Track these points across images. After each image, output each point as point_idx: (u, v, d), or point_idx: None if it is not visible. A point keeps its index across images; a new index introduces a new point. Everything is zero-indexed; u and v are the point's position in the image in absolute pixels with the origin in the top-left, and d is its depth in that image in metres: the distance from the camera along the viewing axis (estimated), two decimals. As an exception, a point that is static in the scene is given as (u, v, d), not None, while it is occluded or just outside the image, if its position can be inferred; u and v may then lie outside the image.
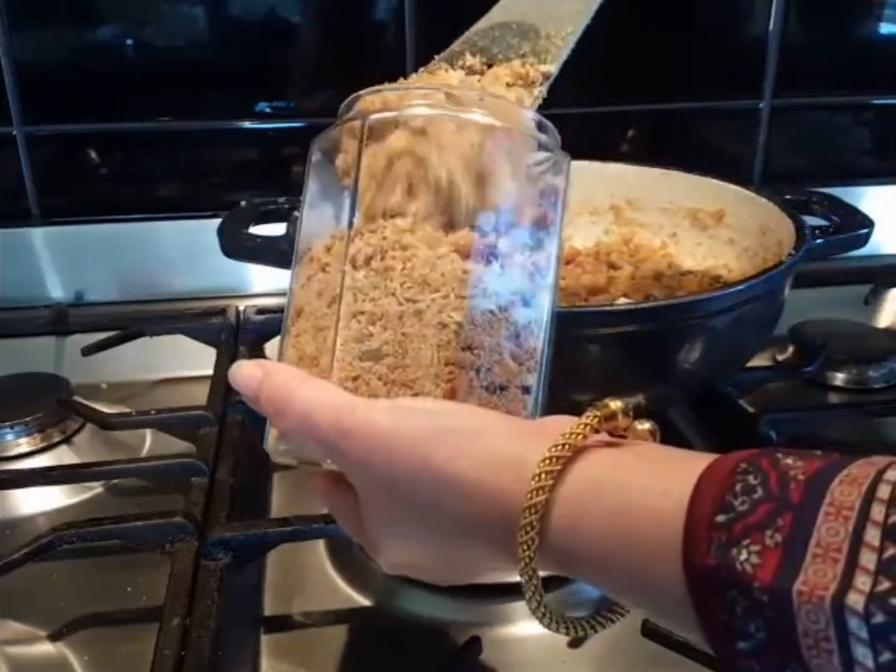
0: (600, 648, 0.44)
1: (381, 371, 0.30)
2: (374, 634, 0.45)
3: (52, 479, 0.54)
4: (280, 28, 0.82)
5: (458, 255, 0.30)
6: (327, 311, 0.31)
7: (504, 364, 0.31)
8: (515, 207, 0.32)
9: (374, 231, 0.31)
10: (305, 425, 0.29)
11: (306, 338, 0.32)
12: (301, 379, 0.31)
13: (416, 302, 0.30)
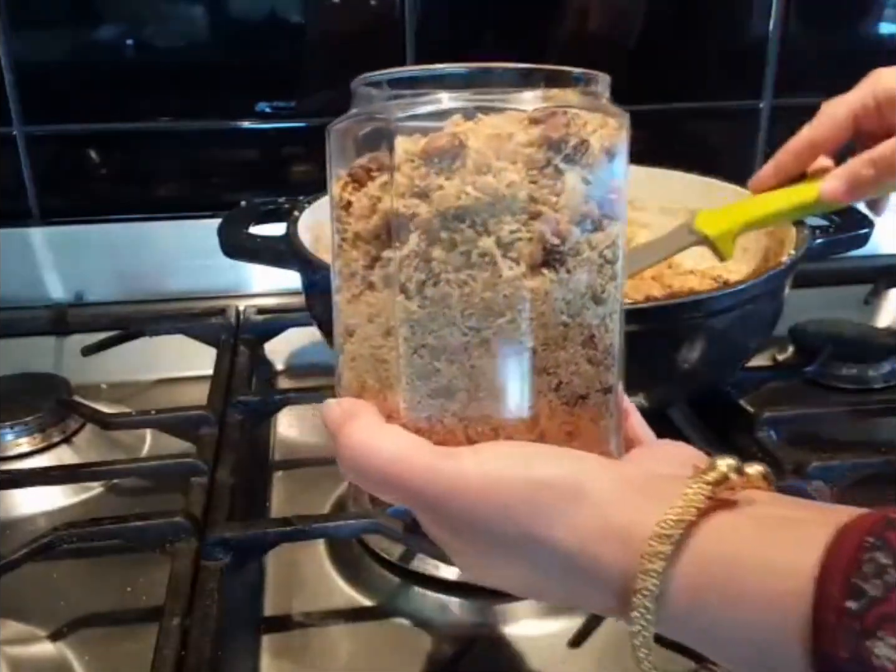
0: (600, 648, 0.44)
1: (454, 407, 0.28)
2: (374, 634, 0.45)
3: (52, 479, 0.54)
4: (280, 28, 0.82)
5: (519, 272, 0.27)
6: (384, 343, 0.29)
7: (582, 373, 0.28)
8: (575, 199, 0.27)
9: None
10: (386, 487, 0.28)
11: (364, 364, 0.30)
12: (375, 432, 0.28)
13: (480, 330, 0.27)
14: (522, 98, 0.27)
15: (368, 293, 0.29)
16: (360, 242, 0.29)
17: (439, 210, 0.27)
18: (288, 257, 0.58)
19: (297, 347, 0.75)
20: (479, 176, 0.26)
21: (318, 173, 0.89)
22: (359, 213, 0.29)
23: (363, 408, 0.29)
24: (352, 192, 0.30)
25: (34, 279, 0.81)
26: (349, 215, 0.29)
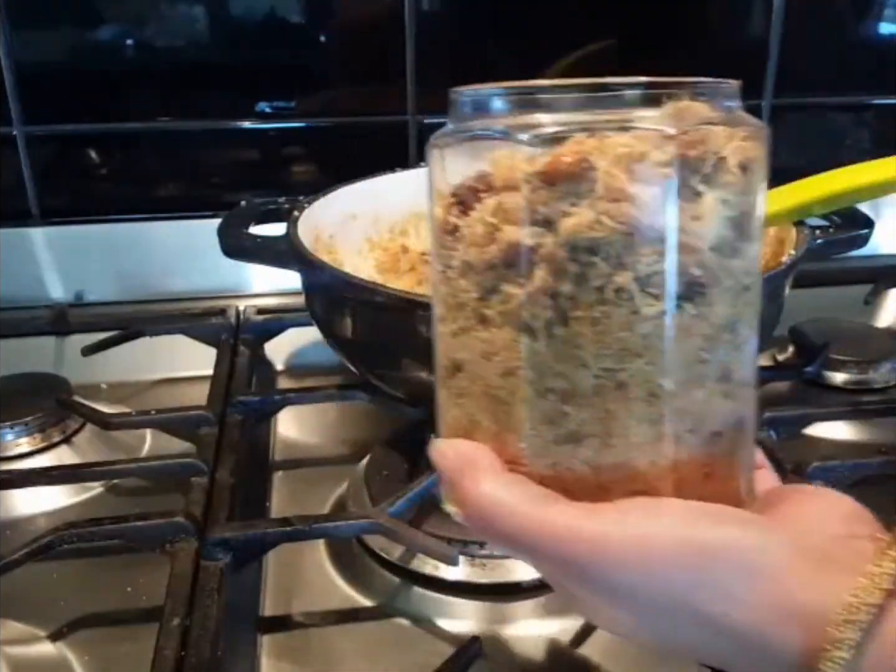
0: (600, 648, 0.44)
1: (585, 454, 0.25)
2: (374, 634, 0.45)
3: (51, 479, 0.54)
4: (280, 28, 0.82)
5: (660, 309, 0.24)
6: (503, 383, 0.26)
7: (717, 410, 0.26)
8: (715, 224, 0.25)
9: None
10: (514, 546, 0.26)
11: (476, 403, 0.27)
12: (503, 486, 0.26)
13: (616, 372, 0.25)
14: (651, 113, 0.25)
15: (481, 328, 0.26)
16: (472, 273, 0.26)
17: (567, 241, 0.24)
18: (288, 257, 0.58)
19: (297, 347, 0.75)
20: (612, 203, 0.24)
21: (317, 173, 0.90)
22: (470, 240, 0.26)
23: (482, 454, 0.27)
24: (459, 216, 0.27)
25: (34, 279, 0.81)
26: (456, 241, 0.27)
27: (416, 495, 0.49)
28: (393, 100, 0.85)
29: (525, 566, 0.47)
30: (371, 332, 0.52)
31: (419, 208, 0.72)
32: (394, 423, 0.60)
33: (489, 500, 0.26)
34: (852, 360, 0.68)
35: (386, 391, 0.56)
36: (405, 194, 0.72)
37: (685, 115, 0.25)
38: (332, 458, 0.62)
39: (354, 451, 0.60)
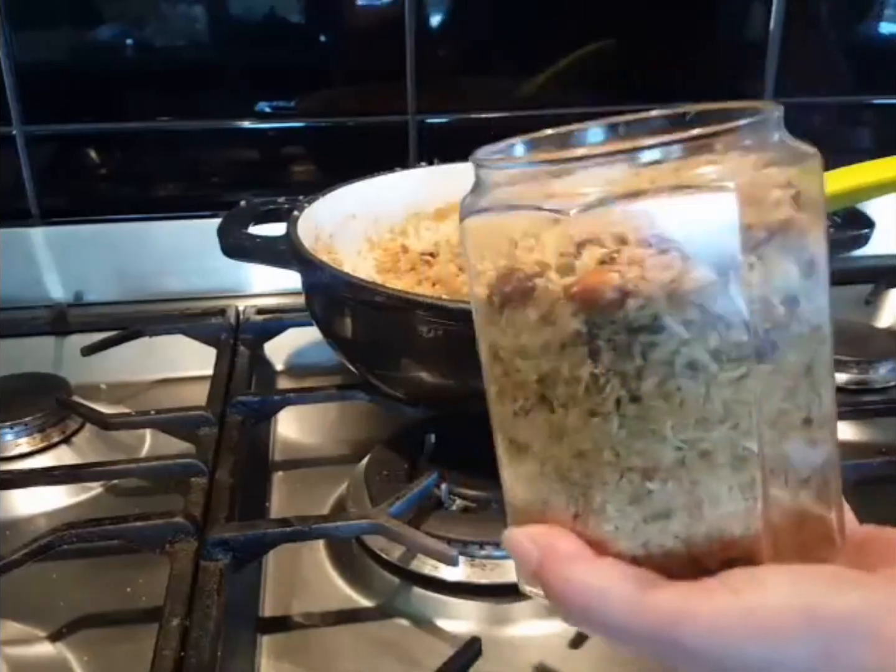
0: (601, 649, 0.44)
1: (676, 529, 0.24)
2: (374, 634, 0.45)
3: (51, 480, 0.54)
4: (280, 28, 0.82)
5: (734, 371, 0.23)
6: (576, 465, 0.25)
7: (804, 459, 0.25)
8: (782, 277, 0.24)
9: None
10: (620, 635, 0.25)
11: (549, 485, 0.26)
12: (597, 573, 0.25)
13: (697, 442, 0.24)
14: (708, 171, 0.23)
15: (544, 410, 0.25)
16: (527, 355, 0.25)
17: (628, 324, 0.23)
18: (287, 257, 0.58)
19: (297, 347, 0.75)
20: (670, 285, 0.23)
21: (317, 173, 0.90)
22: (522, 324, 0.25)
23: (564, 540, 0.26)
24: (505, 299, 0.25)
25: (34, 279, 0.81)
26: (508, 324, 0.26)
27: (415, 496, 0.49)
28: (393, 100, 0.85)
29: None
30: (371, 332, 0.52)
31: (419, 208, 0.72)
32: (394, 423, 0.60)
33: (587, 590, 0.25)
34: (852, 360, 0.68)
35: (386, 391, 0.56)
36: (405, 194, 0.72)
37: (737, 168, 0.23)
38: (331, 458, 0.62)
39: (354, 451, 0.60)
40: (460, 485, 0.51)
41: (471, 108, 0.86)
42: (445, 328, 0.47)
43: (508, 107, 0.85)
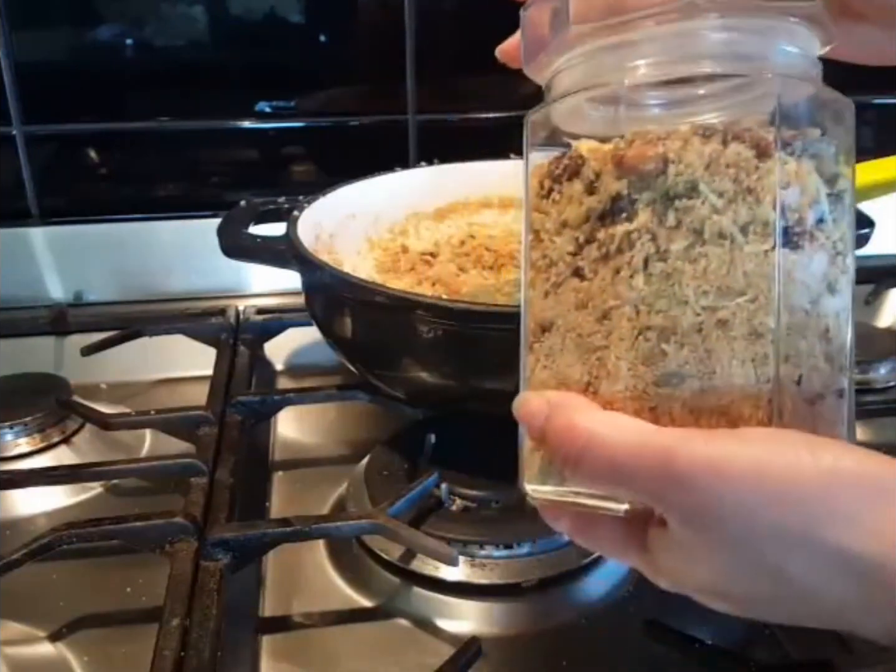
0: (602, 649, 0.44)
1: (684, 396, 0.25)
2: (374, 635, 0.45)
3: (51, 480, 0.54)
4: (280, 28, 0.82)
5: (759, 246, 0.24)
6: (598, 328, 0.26)
7: (819, 369, 0.26)
8: (806, 186, 0.26)
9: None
10: (617, 474, 0.24)
11: (566, 358, 0.27)
12: (601, 418, 0.25)
13: (717, 310, 0.24)
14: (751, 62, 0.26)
15: (574, 280, 0.26)
16: (567, 229, 0.27)
17: (669, 189, 0.25)
18: (287, 257, 0.58)
19: (297, 347, 0.75)
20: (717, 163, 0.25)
21: (317, 173, 0.90)
22: (567, 198, 0.27)
23: (572, 397, 0.26)
24: (556, 179, 0.27)
25: (34, 279, 0.81)
26: (553, 203, 0.27)
27: (415, 495, 0.49)
28: (393, 100, 0.85)
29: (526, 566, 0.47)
30: (371, 332, 0.52)
31: (419, 208, 0.72)
32: (394, 423, 0.60)
33: (584, 429, 0.24)
34: (853, 360, 0.68)
35: (386, 391, 0.56)
36: (405, 194, 0.72)
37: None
38: (331, 458, 0.62)
39: (354, 451, 0.60)
40: (460, 485, 0.51)
41: (471, 108, 0.86)
42: (445, 328, 0.47)
43: (508, 107, 0.85)
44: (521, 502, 0.50)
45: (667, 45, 0.26)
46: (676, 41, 0.26)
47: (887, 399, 0.66)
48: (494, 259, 0.70)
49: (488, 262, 0.70)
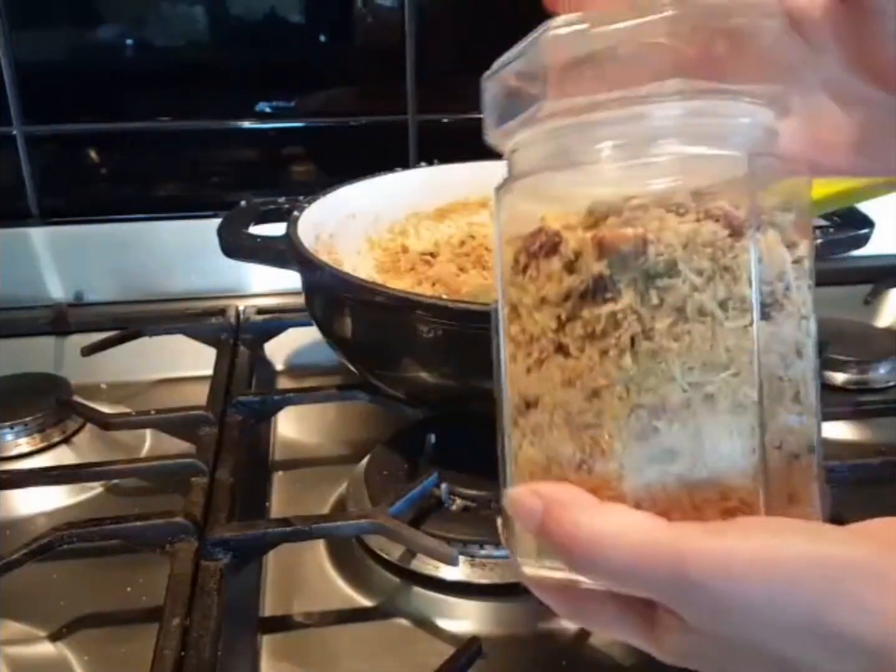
0: (602, 649, 0.44)
1: (679, 470, 0.25)
2: (374, 635, 0.45)
3: (51, 480, 0.54)
4: (280, 28, 0.82)
5: (739, 321, 0.25)
6: (588, 406, 0.26)
7: (795, 431, 0.27)
8: (774, 259, 0.27)
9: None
10: (627, 579, 0.24)
11: (556, 434, 0.27)
12: (603, 518, 0.25)
13: (703, 385, 0.25)
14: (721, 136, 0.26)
15: (558, 357, 0.27)
16: (547, 306, 0.27)
17: (649, 268, 0.25)
18: (288, 257, 0.58)
19: (297, 347, 0.75)
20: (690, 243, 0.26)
21: (317, 173, 0.90)
22: (546, 275, 0.27)
23: (568, 490, 0.26)
24: (532, 256, 0.27)
25: (34, 279, 0.81)
26: (530, 279, 0.27)
27: (415, 495, 0.49)
28: (393, 100, 0.85)
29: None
30: (371, 332, 0.52)
31: (419, 208, 0.72)
32: (394, 423, 0.60)
33: (590, 532, 0.24)
34: (852, 360, 0.68)
35: (386, 391, 0.56)
36: (405, 194, 0.72)
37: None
38: (332, 458, 0.62)
39: (354, 451, 0.60)
40: (460, 485, 0.51)
41: (471, 108, 0.86)
42: (445, 328, 0.47)
43: (508, 107, 0.85)
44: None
45: (633, 127, 0.27)
46: (642, 123, 0.27)
47: (886, 399, 0.66)
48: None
49: (488, 262, 0.70)
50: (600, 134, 0.27)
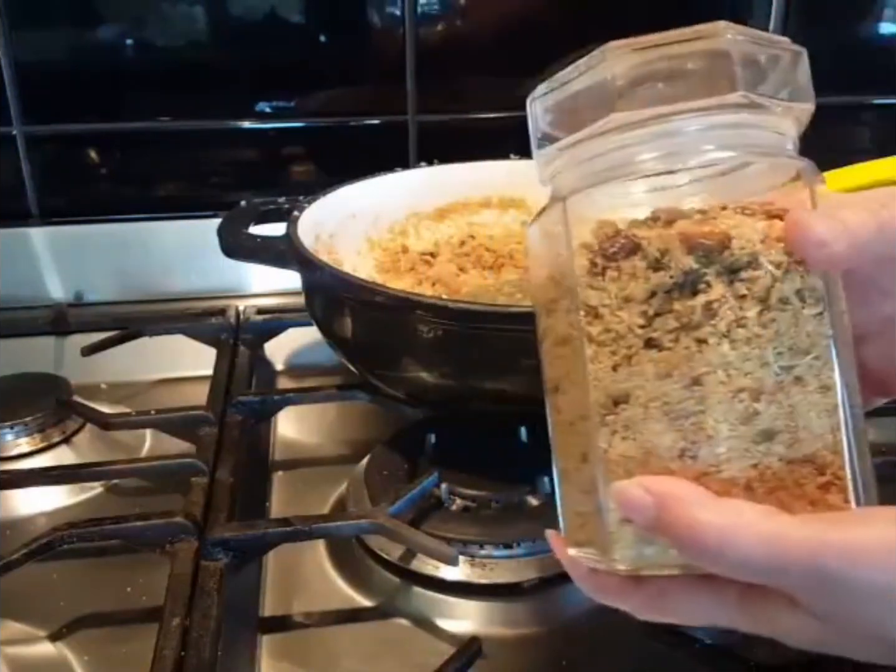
0: (602, 649, 0.44)
1: (779, 450, 0.27)
2: (375, 634, 0.45)
3: (51, 480, 0.54)
4: (280, 28, 0.82)
5: (813, 309, 0.28)
6: (688, 395, 0.27)
7: (858, 404, 0.29)
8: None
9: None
10: (763, 570, 0.25)
11: (653, 427, 0.28)
12: (721, 511, 0.26)
13: (792, 368, 0.27)
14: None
15: (650, 352, 0.28)
16: (632, 304, 0.28)
17: (733, 262, 0.27)
18: (288, 257, 0.58)
19: (297, 347, 0.75)
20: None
21: (317, 173, 0.90)
22: (628, 275, 0.28)
23: (678, 485, 0.27)
24: (610, 258, 0.29)
25: (34, 279, 0.81)
26: (611, 281, 0.29)
27: (415, 495, 0.49)
28: (393, 100, 0.85)
29: (526, 566, 0.47)
30: (371, 332, 0.52)
31: (419, 208, 0.72)
32: (394, 423, 0.60)
33: (715, 527, 0.25)
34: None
35: (386, 391, 0.56)
36: (405, 194, 0.72)
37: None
38: (332, 458, 0.62)
39: (354, 451, 0.60)
40: (460, 484, 0.51)
41: (471, 109, 0.86)
42: (445, 328, 0.47)
43: (508, 107, 0.85)
44: (520, 502, 0.50)
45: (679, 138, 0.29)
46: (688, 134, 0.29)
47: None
48: (494, 259, 0.70)
49: (488, 262, 0.70)
50: (649, 146, 0.29)
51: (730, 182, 0.30)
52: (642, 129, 0.29)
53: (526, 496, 0.51)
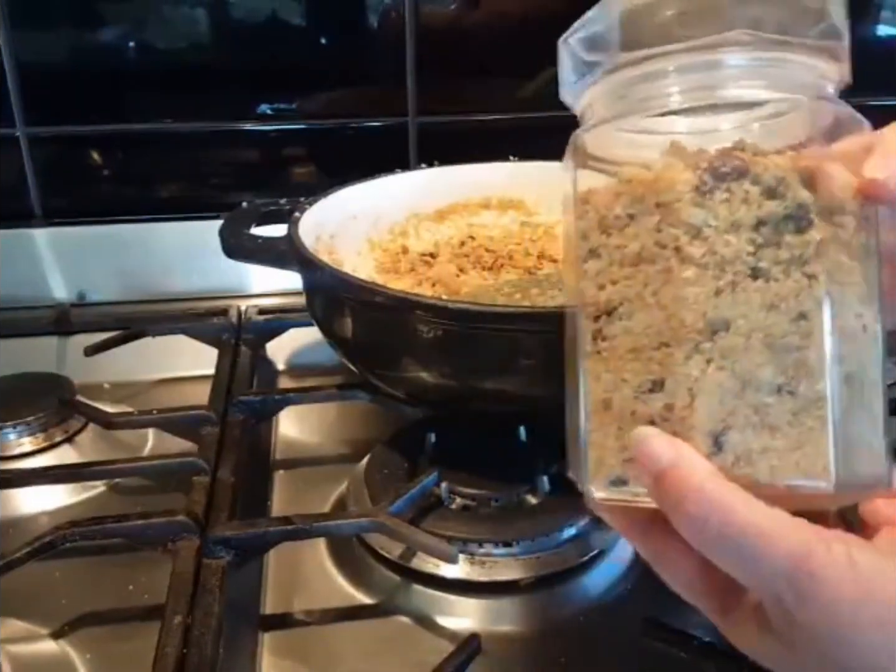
0: (600, 646, 0.44)
1: (853, 395, 0.28)
2: (375, 632, 0.46)
3: (54, 479, 0.54)
4: (281, 30, 0.82)
5: (875, 257, 0.29)
6: (794, 329, 0.27)
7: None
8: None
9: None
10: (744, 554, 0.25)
11: (754, 358, 0.27)
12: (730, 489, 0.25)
13: (863, 316, 0.29)
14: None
15: (757, 281, 0.27)
16: (741, 229, 0.27)
17: (829, 205, 0.28)
18: (288, 258, 0.58)
19: (298, 347, 0.76)
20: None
21: (318, 174, 0.90)
22: (740, 199, 0.27)
23: (699, 459, 0.26)
24: (720, 178, 0.28)
25: (37, 279, 0.81)
26: (721, 202, 0.28)
27: (415, 494, 0.49)
28: (393, 102, 0.85)
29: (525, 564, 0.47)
30: (371, 332, 0.53)
31: (419, 209, 0.73)
32: (394, 422, 0.60)
33: (718, 497, 0.25)
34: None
35: (386, 391, 0.56)
36: (405, 195, 0.72)
37: None
38: (332, 458, 0.62)
39: (355, 451, 0.61)
40: (460, 483, 0.51)
41: (471, 110, 0.87)
42: (445, 328, 0.47)
43: (508, 108, 0.85)
44: (519, 501, 0.50)
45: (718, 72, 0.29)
46: (721, 70, 0.29)
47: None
48: (494, 260, 0.71)
49: (488, 262, 0.70)
50: (675, 81, 0.29)
51: (772, 127, 0.29)
52: (679, 59, 0.29)
53: (525, 495, 0.51)
